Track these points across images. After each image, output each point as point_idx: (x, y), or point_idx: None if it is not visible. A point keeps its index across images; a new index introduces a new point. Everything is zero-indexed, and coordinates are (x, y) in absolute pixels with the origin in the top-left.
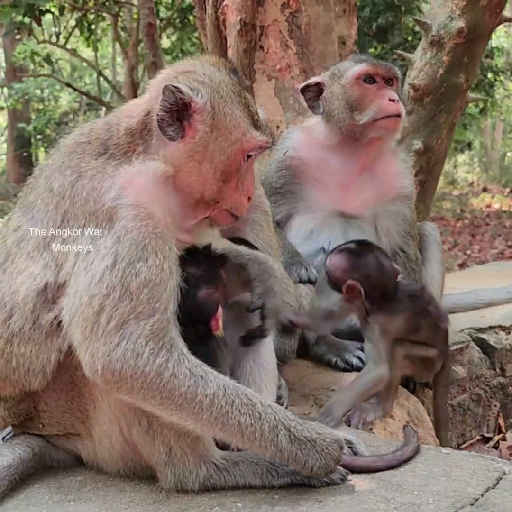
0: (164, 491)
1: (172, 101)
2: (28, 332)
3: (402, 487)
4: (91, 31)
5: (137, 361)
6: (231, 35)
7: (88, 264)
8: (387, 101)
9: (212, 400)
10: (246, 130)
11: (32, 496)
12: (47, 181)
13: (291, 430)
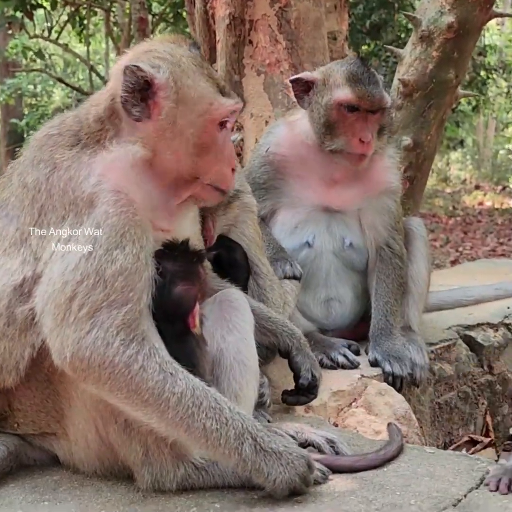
0: (141, 491)
1: (134, 80)
2: (1, 328)
3: (384, 487)
4: (83, 26)
5: (106, 350)
6: (220, 29)
7: (66, 252)
8: (356, 141)
9: (179, 399)
10: (213, 98)
11: (6, 496)
12: (20, 177)
13: (257, 440)
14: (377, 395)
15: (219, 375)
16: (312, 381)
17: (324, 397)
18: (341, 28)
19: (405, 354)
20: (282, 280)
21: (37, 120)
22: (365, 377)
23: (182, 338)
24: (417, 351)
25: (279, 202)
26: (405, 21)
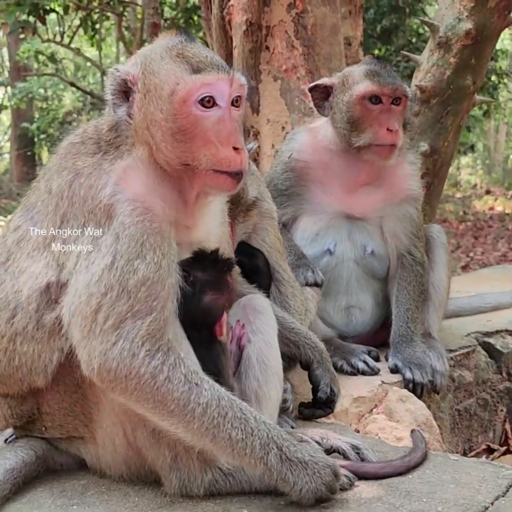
0: (169, 496)
1: (114, 82)
2: (31, 331)
3: (411, 494)
4: (95, 30)
5: (132, 361)
6: (237, 36)
7: (90, 263)
8: (384, 131)
9: (204, 409)
10: (180, 77)
11: (35, 499)
12: (47, 183)
13: (283, 450)
14: (398, 402)
15: (241, 374)
16: (330, 396)
17: (345, 403)
18: (355, 34)
19: (425, 361)
20: (304, 287)
21: (47, 124)
22: (385, 384)
23: (208, 345)
24: (437, 358)
25: (300, 208)
26: (416, 26)
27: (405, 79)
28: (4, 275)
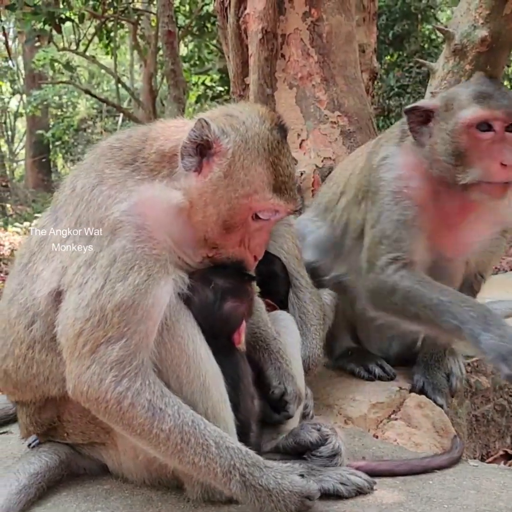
0: (191, 501)
1: (198, 134)
2: (49, 342)
3: (432, 500)
4: (110, 38)
5: (100, 386)
6: (253, 44)
7: (83, 282)
8: (497, 165)
9: (168, 435)
10: (261, 189)
11: (59, 504)
12: (74, 179)
13: (246, 476)
14: (416, 408)
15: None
16: (284, 397)
17: (363, 409)
18: (369, 41)
19: (443, 383)
20: (321, 292)
21: (62, 131)
22: (403, 390)
23: (227, 352)
24: (454, 361)
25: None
26: (428, 32)
27: (417, 85)
28: (25, 279)
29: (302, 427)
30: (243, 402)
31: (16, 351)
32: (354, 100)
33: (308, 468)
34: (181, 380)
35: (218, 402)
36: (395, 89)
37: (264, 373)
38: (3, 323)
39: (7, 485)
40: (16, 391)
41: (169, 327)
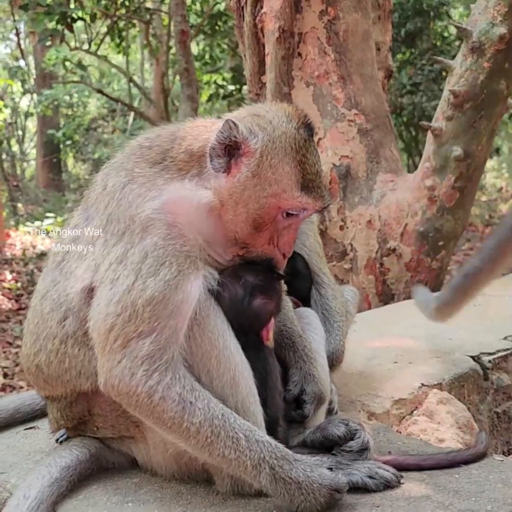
0: (221, 494)
1: (226, 135)
2: (81, 337)
3: (459, 493)
4: (121, 38)
5: (131, 380)
6: (270, 42)
7: (115, 278)
8: None
9: (198, 428)
10: (289, 188)
11: (90, 496)
12: (104, 178)
13: (275, 469)
14: (438, 404)
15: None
16: (300, 397)
17: (386, 405)
18: (384, 39)
19: None
20: (343, 289)
21: (73, 130)
22: (425, 386)
23: (255, 348)
24: None
25: None
26: (440, 29)
27: (429, 82)
28: (59, 276)
29: (329, 422)
30: (271, 397)
31: (49, 346)
32: (371, 98)
33: (336, 462)
34: (212, 374)
35: (248, 396)
36: (408, 87)
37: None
38: (36, 318)
39: (40, 478)
40: (47, 386)
41: (199, 322)
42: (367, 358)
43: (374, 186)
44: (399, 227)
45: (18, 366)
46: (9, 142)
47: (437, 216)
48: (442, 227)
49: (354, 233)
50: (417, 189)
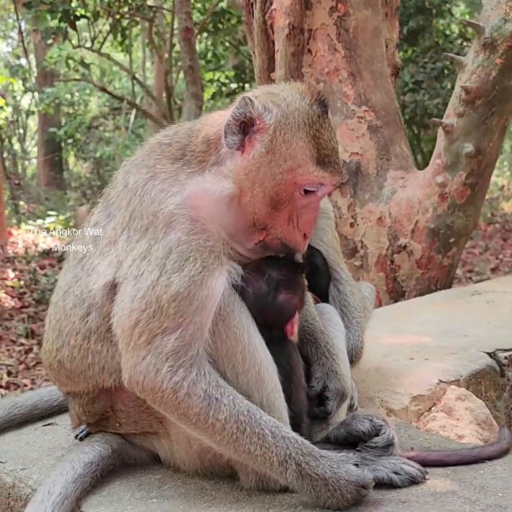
0: (245, 490)
1: (242, 111)
2: (105, 332)
3: (485, 489)
4: (124, 36)
5: (156, 376)
6: (279, 39)
7: (139, 274)
8: None
9: (223, 424)
10: (304, 162)
11: (114, 493)
12: (125, 175)
13: (302, 465)
14: (457, 400)
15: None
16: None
17: (405, 401)
18: (391, 36)
19: None
20: (360, 285)
21: (74, 129)
22: (443, 382)
23: (279, 343)
24: None
25: None
26: (442, 27)
27: (432, 80)
28: (80, 273)
29: (353, 417)
30: (295, 393)
31: (72, 342)
32: (381, 95)
33: (361, 458)
34: (237, 370)
35: (273, 391)
36: (410, 85)
37: (310, 367)
38: (58, 314)
39: (64, 474)
40: (69, 382)
41: (224, 317)
42: (383, 354)
43: (385, 183)
44: (409, 224)
45: (22, 364)
46: (11, 141)
47: (448, 213)
48: (453, 224)
49: (364, 230)
50: (428, 186)
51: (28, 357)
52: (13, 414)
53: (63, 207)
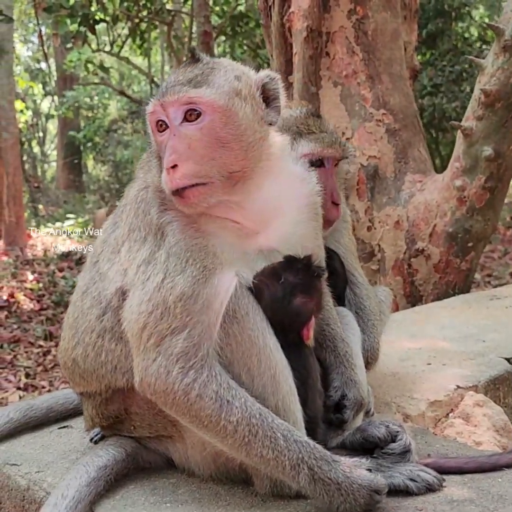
0: (259, 495)
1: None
2: (119, 332)
3: (503, 497)
4: (143, 39)
5: (167, 378)
6: (297, 42)
7: (145, 279)
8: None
9: (235, 427)
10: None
11: (128, 496)
12: (128, 188)
13: (314, 469)
14: (475, 406)
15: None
16: (341, 402)
17: (422, 407)
18: (410, 39)
19: None
20: (377, 289)
21: (93, 132)
22: (460, 388)
23: (296, 347)
24: None
25: None
26: (461, 30)
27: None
28: (96, 275)
29: (369, 423)
30: (311, 397)
31: (86, 339)
32: (399, 97)
33: (377, 464)
34: (252, 373)
35: (288, 394)
36: (428, 88)
37: (328, 375)
38: (76, 313)
39: (77, 477)
40: (82, 381)
41: (239, 320)
42: (399, 359)
43: (402, 187)
44: (427, 227)
45: (40, 366)
46: (30, 144)
47: (467, 217)
48: (472, 228)
49: (381, 233)
50: (447, 189)
51: (46, 359)
52: (28, 417)
53: (81, 210)
